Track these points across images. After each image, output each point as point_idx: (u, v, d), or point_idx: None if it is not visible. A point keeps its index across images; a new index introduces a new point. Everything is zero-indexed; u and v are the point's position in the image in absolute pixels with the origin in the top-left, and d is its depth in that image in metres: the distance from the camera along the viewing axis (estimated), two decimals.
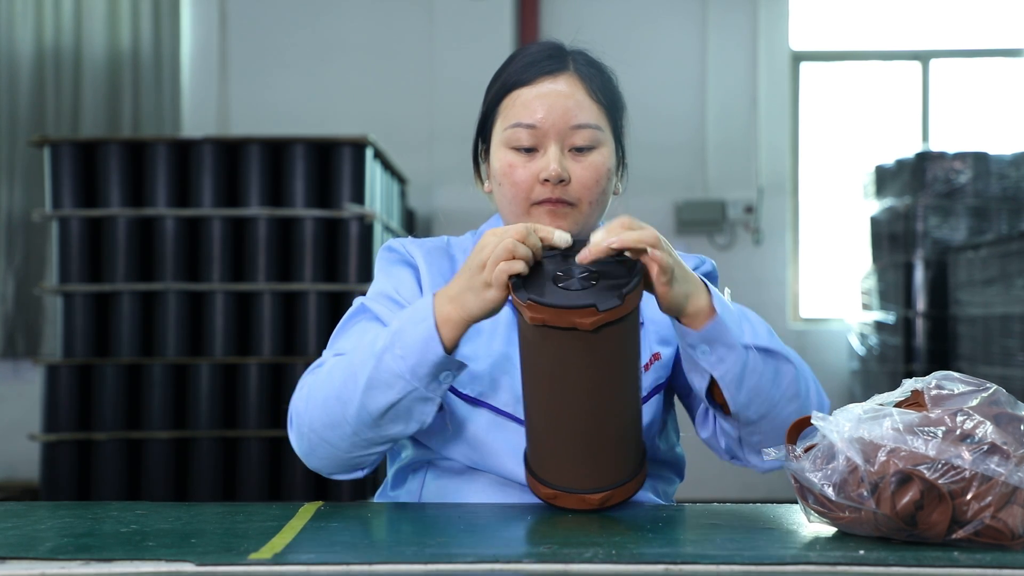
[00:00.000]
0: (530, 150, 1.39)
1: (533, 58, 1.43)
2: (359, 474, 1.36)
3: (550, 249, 1.24)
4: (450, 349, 1.24)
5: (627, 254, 1.21)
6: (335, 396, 1.28)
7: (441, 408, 1.31)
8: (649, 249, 1.19)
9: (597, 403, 1.21)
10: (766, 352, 1.28)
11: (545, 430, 1.24)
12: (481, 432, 1.37)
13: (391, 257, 1.49)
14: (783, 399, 1.29)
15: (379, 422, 1.27)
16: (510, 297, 1.19)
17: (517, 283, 1.18)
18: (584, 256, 1.20)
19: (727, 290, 1.48)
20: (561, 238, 1.24)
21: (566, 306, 1.14)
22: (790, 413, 1.30)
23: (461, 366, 1.27)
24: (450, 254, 1.50)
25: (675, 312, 1.24)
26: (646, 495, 1.43)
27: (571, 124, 1.39)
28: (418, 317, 1.25)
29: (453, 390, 1.37)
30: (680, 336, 1.27)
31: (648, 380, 1.41)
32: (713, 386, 1.29)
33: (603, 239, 1.20)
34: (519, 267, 1.19)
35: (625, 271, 1.19)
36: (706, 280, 1.28)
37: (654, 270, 1.20)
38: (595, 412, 1.21)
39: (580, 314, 1.14)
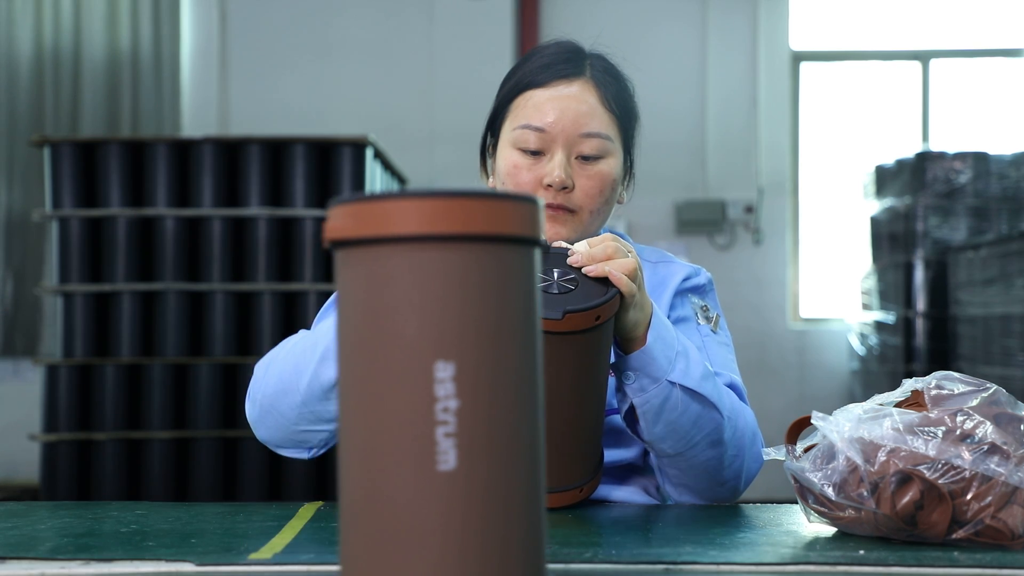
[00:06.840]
0: (536, 153, 1.38)
1: (550, 59, 1.41)
2: (305, 454, 1.34)
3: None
4: None
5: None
6: (292, 366, 1.29)
7: None
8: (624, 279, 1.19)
9: (552, 406, 1.20)
10: (692, 394, 1.26)
11: None
12: None
13: None
14: (701, 443, 1.28)
15: (328, 395, 1.26)
16: None
17: None
18: (576, 260, 1.19)
19: (719, 316, 1.47)
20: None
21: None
22: (708, 459, 1.29)
23: None
24: None
25: (618, 334, 1.24)
26: (646, 495, 1.42)
27: (580, 132, 1.37)
28: None
29: None
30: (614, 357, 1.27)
31: None
32: (633, 410, 1.29)
33: (588, 263, 1.19)
34: None
35: (602, 284, 1.19)
36: (658, 309, 1.26)
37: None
38: (550, 414, 1.21)
39: (545, 322, 1.13)
